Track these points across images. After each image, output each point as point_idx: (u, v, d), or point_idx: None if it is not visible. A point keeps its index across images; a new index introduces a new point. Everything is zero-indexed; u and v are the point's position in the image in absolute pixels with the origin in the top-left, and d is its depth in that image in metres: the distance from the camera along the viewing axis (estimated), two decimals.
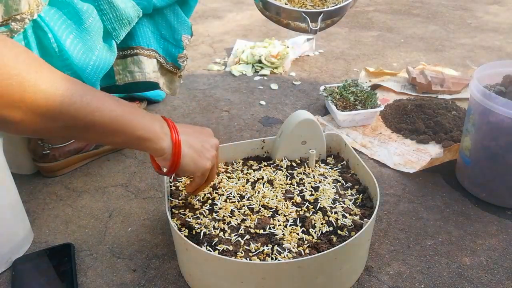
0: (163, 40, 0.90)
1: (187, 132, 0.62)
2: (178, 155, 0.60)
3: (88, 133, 0.52)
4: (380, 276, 0.69)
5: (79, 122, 0.50)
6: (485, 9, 2.06)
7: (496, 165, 0.79)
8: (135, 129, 0.55)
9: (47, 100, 0.46)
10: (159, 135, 0.58)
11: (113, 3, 0.74)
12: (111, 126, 0.53)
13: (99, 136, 0.54)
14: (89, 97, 0.50)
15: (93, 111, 0.51)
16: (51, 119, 0.48)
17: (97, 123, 0.51)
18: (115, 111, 0.53)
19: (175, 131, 0.60)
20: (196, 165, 0.63)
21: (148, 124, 0.57)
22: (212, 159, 0.65)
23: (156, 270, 0.70)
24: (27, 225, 0.76)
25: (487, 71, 0.85)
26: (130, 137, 0.55)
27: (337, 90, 1.14)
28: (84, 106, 0.50)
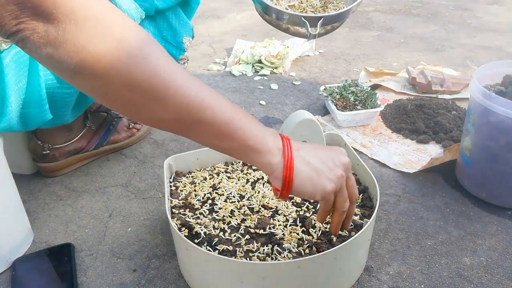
0: (164, 41, 0.90)
1: (306, 148, 0.55)
2: (291, 172, 0.52)
3: (195, 130, 0.49)
4: (380, 276, 0.69)
5: (189, 116, 0.48)
6: (485, 9, 2.06)
7: (496, 165, 0.79)
8: (246, 137, 0.50)
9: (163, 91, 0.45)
10: (270, 149, 0.52)
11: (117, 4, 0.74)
12: (221, 129, 0.49)
13: (206, 136, 0.51)
14: (204, 94, 0.48)
15: (205, 108, 0.48)
16: (164, 108, 0.47)
17: (207, 122, 0.48)
18: (228, 113, 0.49)
19: (289, 146, 0.53)
20: (314, 187, 0.53)
21: (261, 135, 0.52)
22: (337, 180, 0.54)
23: (156, 270, 0.70)
24: (27, 225, 0.76)
25: (487, 71, 0.85)
26: (239, 145, 0.51)
27: (337, 90, 1.14)
28: (198, 101, 0.47)
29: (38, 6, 0.39)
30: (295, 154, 0.53)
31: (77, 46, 0.41)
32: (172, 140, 1.06)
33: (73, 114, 0.83)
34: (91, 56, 0.42)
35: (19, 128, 0.71)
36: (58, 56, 0.41)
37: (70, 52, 0.41)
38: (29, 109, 0.70)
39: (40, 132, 0.89)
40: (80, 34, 0.41)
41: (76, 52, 0.41)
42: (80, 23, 0.40)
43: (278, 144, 0.53)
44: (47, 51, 0.41)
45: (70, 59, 0.41)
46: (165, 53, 0.47)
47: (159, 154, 1.01)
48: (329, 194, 0.54)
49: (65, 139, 0.92)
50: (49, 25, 0.40)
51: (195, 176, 0.79)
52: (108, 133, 0.98)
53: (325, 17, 0.81)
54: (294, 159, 0.52)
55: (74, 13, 0.40)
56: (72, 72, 0.43)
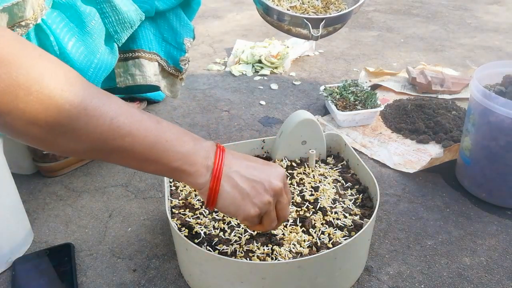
0: (165, 43, 0.90)
1: (240, 167, 0.53)
2: (215, 192, 0.52)
3: (115, 158, 0.48)
4: (380, 276, 0.69)
5: (105, 146, 0.45)
6: (485, 9, 2.06)
7: (496, 165, 0.79)
8: (172, 160, 0.49)
9: (71, 119, 0.43)
10: (197, 169, 0.51)
11: (116, 6, 0.74)
12: (143, 154, 0.48)
13: (128, 162, 0.49)
14: (121, 119, 0.45)
15: (123, 136, 0.46)
16: (75, 140, 0.44)
17: (127, 150, 0.46)
18: (151, 138, 0.47)
19: (219, 163, 0.51)
20: (236, 209, 0.53)
21: (189, 154, 0.50)
22: (263, 206, 0.54)
23: (156, 270, 0.70)
24: (27, 225, 0.76)
25: (487, 71, 0.85)
26: (164, 168, 0.50)
27: (337, 90, 1.14)
28: (113, 129, 0.45)
29: None
30: (224, 174, 0.52)
31: None
32: None
33: None
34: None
35: None
36: None
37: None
38: None
39: None
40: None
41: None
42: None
43: (208, 162, 0.51)
44: None
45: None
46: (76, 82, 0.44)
47: None
48: (252, 218, 0.54)
49: None
50: None
51: None
52: None
53: (327, 18, 0.81)
54: (221, 180, 0.51)
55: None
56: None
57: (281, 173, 0.56)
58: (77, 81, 0.44)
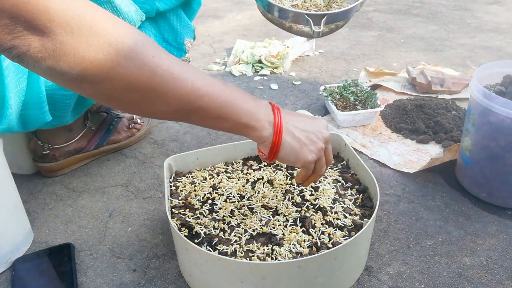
0: (166, 43, 0.90)
1: (294, 121, 0.60)
2: (278, 144, 0.58)
3: (195, 117, 0.53)
4: (380, 276, 0.69)
5: (188, 106, 0.51)
6: (485, 9, 2.06)
7: (496, 165, 0.79)
8: (240, 116, 0.55)
9: (162, 83, 0.48)
10: (262, 124, 0.57)
11: (117, 7, 0.74)
12: (217, 112, 0.53)
13: (204, 120, 0.54)
14: (200, 82, 0.51)
15: (202, 96, 0.51)
16: (166, 102, 0.49)
17: (205, 108, 0.52)
18: (223, 97, 0.53)
19: (279, 120, 0.58)
20: (296, 157, 0.60)
21: (253, 111, 0.56)
22: (318, 152, 0.62)
23: (156, 270, 0.70)
24: (27, 225, 0.76)
25: (487, 71, 0.85)
26: (234, 124, 0.55)
27: (337, 90, 1.14)
28: (195, 91, 0.50)
29: (32, 20, 0.39)
30: (284, 127, 0.58)
31: (77, 57, 0.42)
32: (172, 140, 1.06)
33: (73, 116, 0.84)
34: (92, 65, 0.43)
35: (19, 129, 0.71)
36: (59, 68, 0.42)
37: (71, 63, 0.42)
38: (29, 110, 0.70)
39: (40, 132, 0.89)
40: (78, 44, 0.42)
41: (77, 62, 0.42)
42: (76, 34, 0.41)
43: (269, 118, 0.58)
44: (47, 64, 0.42)
45: (71, 70, 0.43)
46: (159, 49, 0.49)
47: (159, 154, 1.01)
48: (310, 163, 0.62)
49: (65, 139, 0.92)
50: (45, 39, 0.40)
51: (195, 176, 0.79)
52: (108, 133, 0.98)
53: (329, 15, 0.81)
54: (282, 133, 0.58)
55: (69, 25, 0.41)
56: (76, 80, 0.44)
57: (325, 125, 0.65)
58: (160, 48, 0.49)
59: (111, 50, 0.44)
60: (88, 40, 0.42)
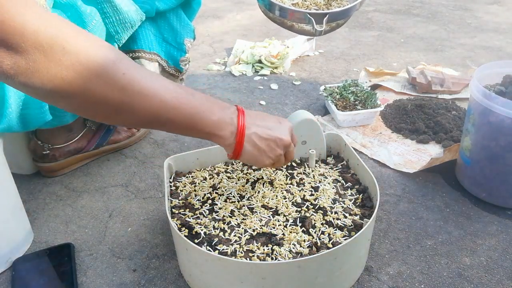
0: (165, 43, 0.90)
1: (257, 128, 0.64)
2: (239, 151, 0.64)
3: (163, 127, 0.57)
4: (380, 276, 0.69)
5: (156, 119, 0.55)
6: (485, 9, 2.06)
7: (496, 165, 0.79)
8: (205, 127, 0.59)
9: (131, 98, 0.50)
10: (225, 134, 0.61)
11: (116, 7, 0.74)
12: (184, 124, 0.57)
13: (171, 130, 0.58)
14: (168, 96, 0.54)
15: (169, 110, 0.54)
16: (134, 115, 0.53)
17: (172, 121, 0.56)
18: (188, 110, 0.56)
19: (242, 128, 0.62)
20: (255, 162, 0.67)
21: (218, 122, 0.60)
22: (275, 158, 0.67)
23: (156, 270, 0.70)
24: (27, 225, 0.76)
25: (487, 71, 0.85)
26: (199, 133, 0.60)
27: (337, 90, 1.14)
28: (162, 105, 0.53)
29: (6, 39, 0.40)
30: (246, 136, 0.63)
31: (50, 74, 0.44)
32: (172, 140, 1.06)
33: (73, 115, 0.84)
34: (64, 82, 0.45)
35: (19, 129, 0.71)
36: (31, 83, 0.44)
37: (44, 80, 0.44)
38: (29, 110, 0.70)
39: (40, 132, 0.89)
40: (51, 64, 0.43)
41: (49, 80, 0.44)
42: (49, 54, 0.43)
43: (233, 128, 0.62)
44: (19, 80, 0.43)
45: (44, 86, 0.45)
46: (130, 65, 0.51)
47: (159, 154, 1.01)
48: (267, 166, 0.68)
49: (65, 139, 0.92)
50: (18, 57, 0.42)
51: (195, 176, 0.79)
52: (108, 133, 0.98)
53: (331, 13, 0.82)
54: (243, 142, 0.63)
55: (42, 45, 0.42)
56: (48, 95, 0.47)
57: (289, 128, 0.69)
58: (131, 63, 0.51)
59: (83, 68, 0.45)
60: (61, 60, 0.44)
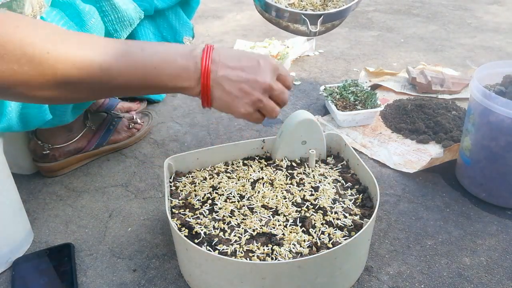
0: (165, 41, 0.90)
1: (227, 71, 0.56)
2: (208, 99, 0.57)
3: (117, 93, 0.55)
4: (380, 276, 0.69)
5: (105, 88, 0.51)
6: (485, 9, 2.06)
7: (496, 165, 0.79)
8: (166, 83, 0.54)
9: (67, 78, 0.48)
10: (190, 83, 0.55)
11: (115, 5, 0.74)
12: (139, 86, 0.53)
13: (126, 93, 0.55)
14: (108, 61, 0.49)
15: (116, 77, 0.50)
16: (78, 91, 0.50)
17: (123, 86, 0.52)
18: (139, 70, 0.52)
19: (207, 74, 0.55)
20: (230, 110, 0.59)
21: (179, 74, 0.54)
22: (253, 104, 0.58)
23: (156, 270, 0.70)
24: (27, 225, 0.76)
25: (487, 71, 0.85)
26: (162, 90, 0.56)
27: (337, 90, 1.14)
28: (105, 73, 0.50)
29: None
30: (212, 81, 0.56)
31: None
32: (172, 140, 1.06)
33: (73, 114, 0.84)
34: None
35: (19, 128, 0.71)
36: None
37: None
38: (29, 109, 0.70)
39: (40, 132, 0.89)
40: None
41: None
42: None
43: (196, 75, 0.55)
44: None
45: None
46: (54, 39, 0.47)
47: (159, 154, 1.01)
48: (246, 115, 0.59)
49: (65, 139, 0.92)
50: None
51: (195, 176, 0.79)
52: (108, 133, 0.98)
53: (325, 14, 0.81)
54: (210, 88, 0.56)
55: None
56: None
57: (271, 67, 0.58)
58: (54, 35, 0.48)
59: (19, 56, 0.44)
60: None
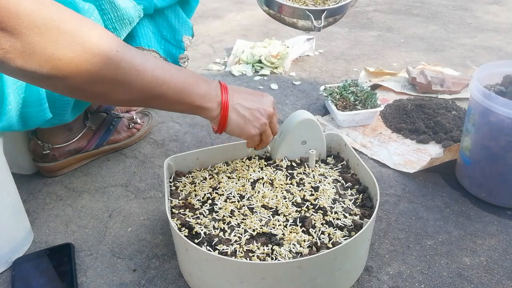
0: (164, 40, 0.90)
1: (240, 99, 0.68)
2: (225, 121, 0.66)
3: (154, 103, 0.59)
4: (380, 276, 0.69)
5: (148, 94, 0.56)
6: (485, 9, 2.06)
7: (496, 165, 0.79)
8: (194, 100, 0.62)
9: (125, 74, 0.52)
10: (212, 105, 0.64)
11: (114, 3, 0.74)
12: (175, 98, 0.59)
13: (162, 105, 0.61)
14: (159, 71, 0.56)
15: (161, 84, 0.57)
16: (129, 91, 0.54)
17: (163, 95, 0.58)
18: (179, 84, 0.59)
19: (226, 98, 0.65)
20: (241, 131, 0.69)
21: (205, 94, 0.63)
22: (261, 127, 0.70)
23: (156, 270, 0.70)
24: (27, 225, 0.76)
25: (487, 71, 0.85)
26: (188, 107, 0.62)
27: (337, 90, 1.14)
28: (154, 80, 0.56)
29: (1, 22, 0.41)
30: (230, 106, 0.66)
31: (47, 56, 0.45)
32: (172, 140, 1.06)
33: (73, 114, 0.83)
34: (62, 63, 0.46)
35: (19, 128, 0.71)
36: (29, 67, 0.44)
37: (41, 62, 0.45)
38: (29, 108, 0.70)
39: (40, 132, 0.89)
40: (46, 44, 0.44)
41: (46, 61, 0.45)
42: (45, 35, 0.44)
43: (218, 99, 0.65)
44: (17, 64, 0.44)
45: (41, 68, 0.45)
46: (120, 42, 0.52)
47: (159, 154, 1.01)
48: (253, 137, 0.71)
49: (65, 139, 0.92)
50: (14, 40, 0.42)
51: (195, 176, 0.79)
52: (108, 133, 0.98)
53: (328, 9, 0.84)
54: (228, 112, 0.66)
55: (37, 27, 0.43)
56: (45, 78, 0.47)
57: (271, 101, 0.72)
58: (120, 41, 0.53)
59: (79, 48, 0.47)
60: (57, 40, 0.45)
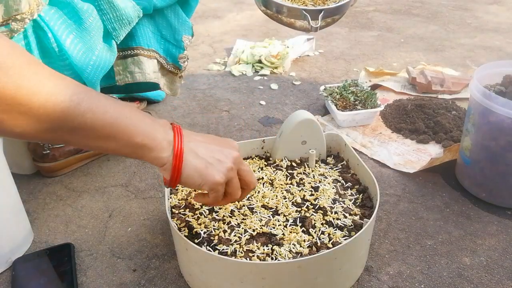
0: (164, 40, 0.90)
1: (198, 140, 0.55)
2: (179, 165, 0.52)
3: (77, 136, 0.46)
4: (380, 276, 0.69)
5: (67, 124, 0.44)
6: (485, 9, 2.06)
7: (496, 165, 0.79)
8: (133, 135, 0.49)
9: (30, 98, 0.41)
10: (159, 143, 0.51)
11: (113, 3, 0.74)
12: (104, 131, 0.47)
13: (89, 141, 0.48)
14: (81, 96, 0.45)
15: (84, 112, 0.45)
16: (34, 120, 0.42)
17: (88, 126, 0.46)
18: (110, 113, 0.47)
19: (179, 139, 0.53)
20: (201, 177, 0.54)
21: (148, 130, 0.50)
22: (227, 172, 0.55)
23: (156, 270, 0.70)
24: (27, 225, 0.76)
25: (487, 71, 0.85)
26: (125, 144, 0.49)
27: (337, 90, 1.14)
28: (73, 106, 0.44)
29: None
30: (185, 147, 0.53)
31: None
32: None
33: None
34: None
35: None
36: None
37: None
38: None
39: None
40: None
41: None
42: None
43: (168, 137, 0.52)
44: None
45: None
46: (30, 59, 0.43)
47: None
48: (218, 185, 0.55)
49: None
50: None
51: None
52: None
53: (326, 9, 0.83)
54: (183, 153, 0.53)
55: None
56: None
57: (235, 145, 0.59)
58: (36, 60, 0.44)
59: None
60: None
